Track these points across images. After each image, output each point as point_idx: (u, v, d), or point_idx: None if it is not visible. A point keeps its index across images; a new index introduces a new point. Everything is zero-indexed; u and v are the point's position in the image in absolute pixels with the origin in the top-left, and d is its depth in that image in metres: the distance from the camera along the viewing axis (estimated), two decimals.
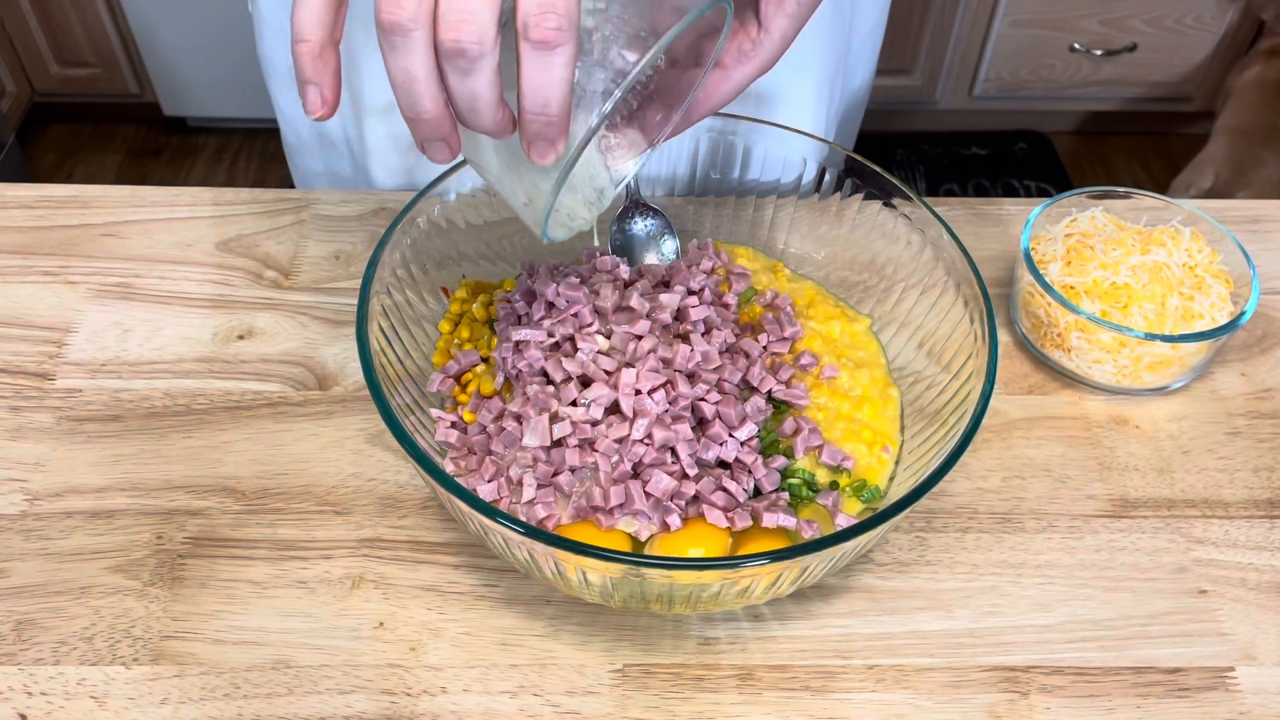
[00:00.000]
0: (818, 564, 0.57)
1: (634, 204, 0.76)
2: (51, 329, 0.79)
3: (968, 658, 0.63)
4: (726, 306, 0.72)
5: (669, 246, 0.77)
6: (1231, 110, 2.15)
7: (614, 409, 0.63)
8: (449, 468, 0.66)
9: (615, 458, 0.62)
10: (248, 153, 2.68)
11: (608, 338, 0.66)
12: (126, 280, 0.82)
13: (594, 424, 0.63)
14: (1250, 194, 1.98)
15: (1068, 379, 0.78)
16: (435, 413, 0.69)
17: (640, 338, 0.66)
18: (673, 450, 0.63)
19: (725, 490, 0.63)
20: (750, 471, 0.64)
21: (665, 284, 0.72)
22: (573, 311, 0.67)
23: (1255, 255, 0.88)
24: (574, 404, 0.64)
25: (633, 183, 0.75)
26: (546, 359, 0.66)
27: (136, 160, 2.66)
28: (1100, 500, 0.71)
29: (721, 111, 0.78)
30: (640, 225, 0.77)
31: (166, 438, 0.74)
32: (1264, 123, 2.08)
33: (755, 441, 0.65)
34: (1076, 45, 2.50)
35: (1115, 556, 0.68)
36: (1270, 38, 2.20)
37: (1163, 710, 0.61)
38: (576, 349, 0.66)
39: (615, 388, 0.63)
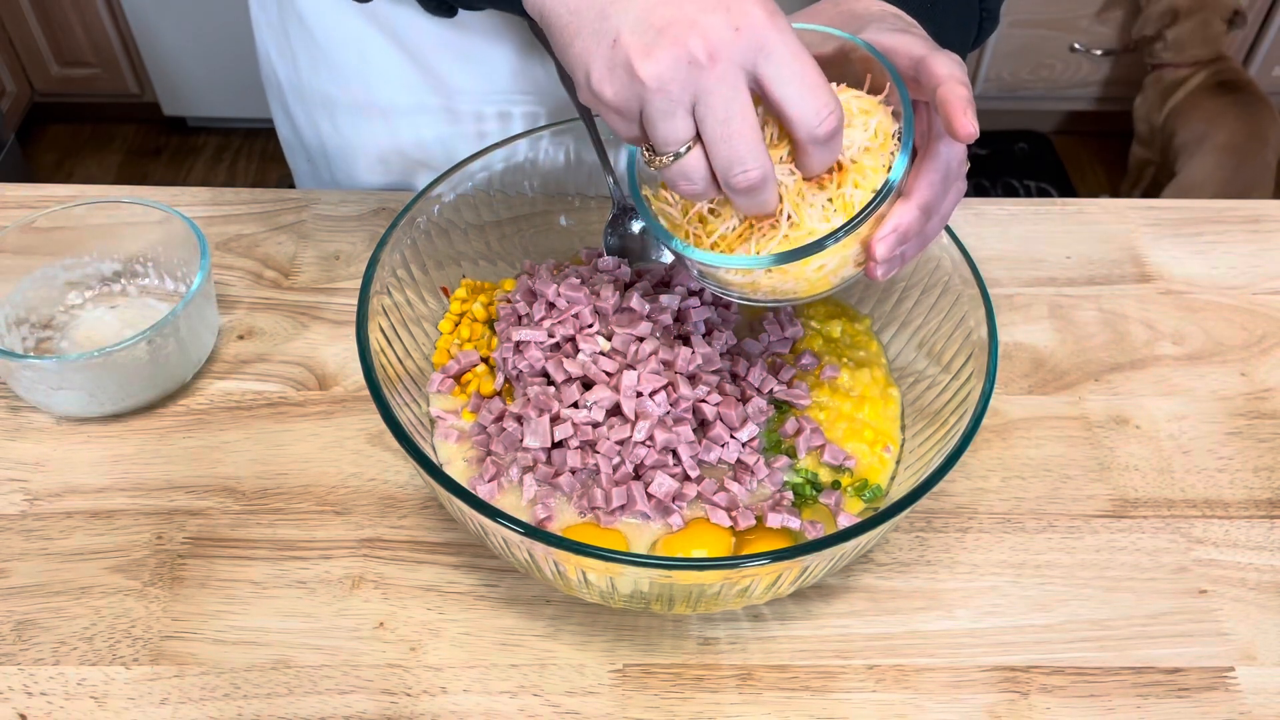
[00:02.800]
0: (818, 564, 0.57)
1: (624, 209, 0.76)
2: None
3: (968, 658, 0.63)
4: (727, 307, 0.72)
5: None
6: (1190, 123, 2.18)
7: (615, 411, 0.63)
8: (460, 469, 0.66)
9: (617, 459, 0.62)
10: (248, 153, 2.68)
11: (609, 339, 0.66)
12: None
13: (595, 425, 0.63)
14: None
15: None
16: (435, 412, 0.69)
17: (641, 339, 0.66)
18: (674, 452, 0.63)
19: (727, 491, 0.63)
20: (752, 472, 0.64)
21: (666, 284, 0.72)
22: (573, 312, 0.67)
23: (1254, 255, 0.88)
24: (575, 405, 0.64)
25: (619, 187, 0.75)
26: (547, 359, 0.66)
27: (136, 160, 2.66)
28: (1100, 500, 0.71)
29: None
30: (635, 229, 0.77)
31: (166, 438, 0.74)
32: (1241, 130, 2.11)
33: (757, 442, 0.65)
34: (1076, 45, 2.51)
35: (1115, 556, 0.68)
36: (1178, 70, 2.24)
37: (1163, 710, 0.61)
38: (577, 350, 0.66)
39: (616, 390, 0.63)
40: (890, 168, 0.53)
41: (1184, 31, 2.22)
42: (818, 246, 0.53)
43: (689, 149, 0.51)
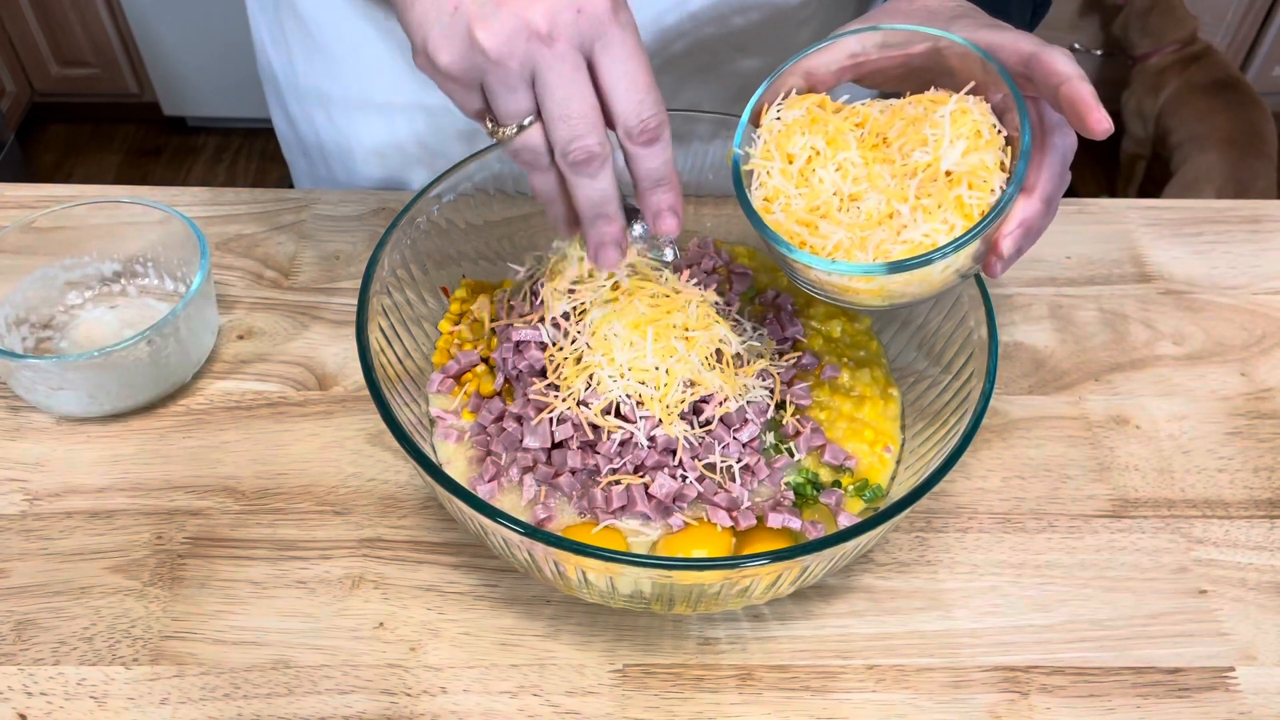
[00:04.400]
0: (818, 564, 0.57)
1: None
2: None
3: (968, 658, 0.63)
4: (729, 304, 0.72)
5: (667, 248, 0.77)
6: (1184, 122, 2.19)
7: (615, 411, 0.63)
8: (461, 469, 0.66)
9: (617, 460, 0.62)
10: (248, 153, 2.68)
11: None
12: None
13: (595, 426, 0.63)
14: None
15: None
16: (435, 412, 0.69)
17: None
18: (674, 452, 0.63)
19: (728, 491, 0.63)
20: (753, 472, 0.64)
21: None
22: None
23: (1254, 255, 0.88)
24: (577, 405, 0.64)
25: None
26: (548, 360, 0.66)
27: (136, 160, 2.66)
28: (1100, 500, 0.71)
29: (722, 111, 0.78)
30: (638, 228, 0.76)
31: (166, 438, 0.74)
32: (1237, 128, 2.12)
33: (757, 442, 0.65)
34: (1076, 45, 2.51)
35: (1115, 556, 0.68)
36: (1160, 54, 2.25)
37: (1163, 710, 0.61)
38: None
39: None
40: (1007, 167, 0.53)
41: (1154, 18, 2.25)
42: (947, 250, 0.52)
43: (531, 122, 0.52)
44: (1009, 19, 0.60)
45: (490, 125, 0.54)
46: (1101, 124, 0.51)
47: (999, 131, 0.55)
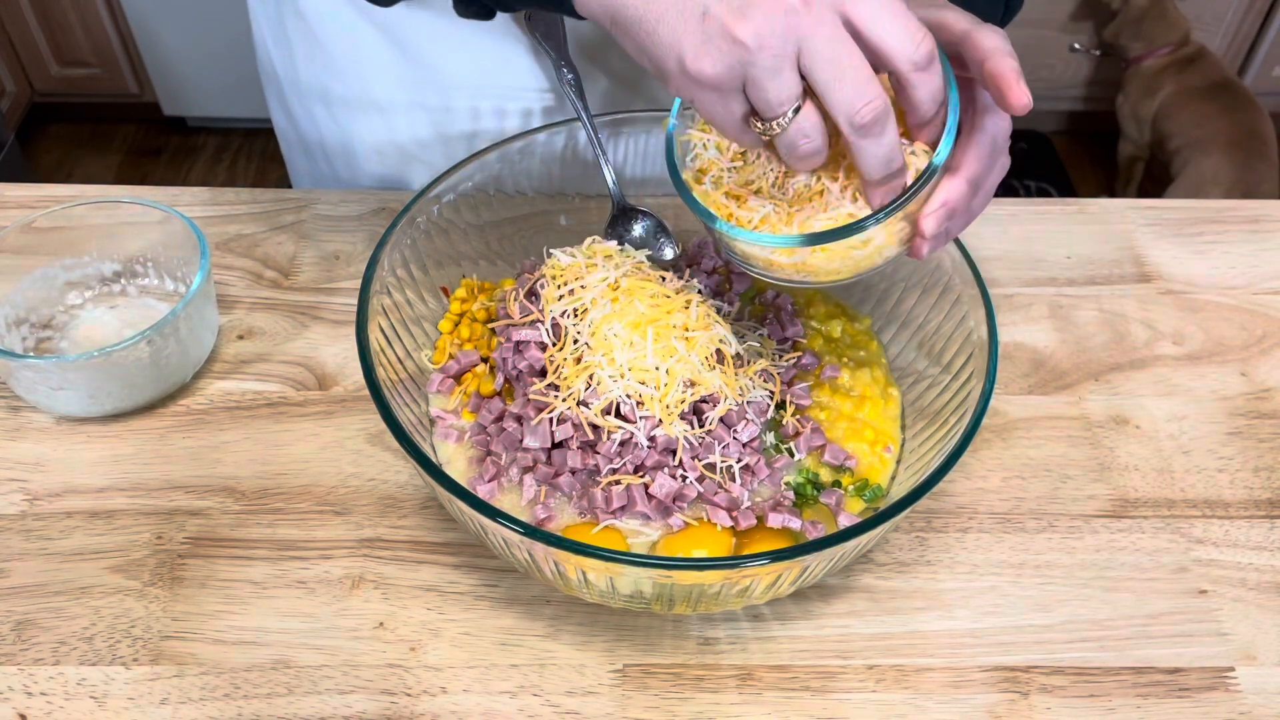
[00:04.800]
0: (818, 564, 0.57)
1: (623, 209, 0.76)
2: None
3: (968, 658, 0.63)
4: (731, 304, 0.72)
5: (667, 248, 0.77)
6: (1183, 126, 2.20)
7: (615, 411, 0.63)
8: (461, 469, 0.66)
9: (617, 460, 0.62)
10: (248, 153, 2.68)
11: None
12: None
13: (595, 426, 0.63)
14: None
15: None
16: (435, 412, 0.69)
17: None
18: (674, 452, 0.62)
19: (728, 491, 0.63)
20: (753, 472, 0.64)
21: None
22: None
23: (1254, 255, 0.88)
24: (577, 405, 0.63)
25: (617, 188, 0.75)
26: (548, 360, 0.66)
27: (136, 160, 2.66)
28: (1100, 500, 0.71)
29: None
30: (637, 229, 0.77)
31: (166, 438, 0.74)
32: (1238, 130, 2.12)
33: (758, 442, 0.65)
34: (1076, 45, 2.51)
35: (1115, 556, 0.68)
36: (1153, 57, 2.26)
37: (1163, 710, 0.61)
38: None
39: None
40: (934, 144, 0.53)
41: (1148, 22, 2.26)
42: (867, 222, 0.52)
43: (801, 104, 0.50)
44: (974, 9, 0.59)
45: (761, 126, 0.52)
46: (1020, 99, 0.51)
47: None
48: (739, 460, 0.63)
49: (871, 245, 0.55)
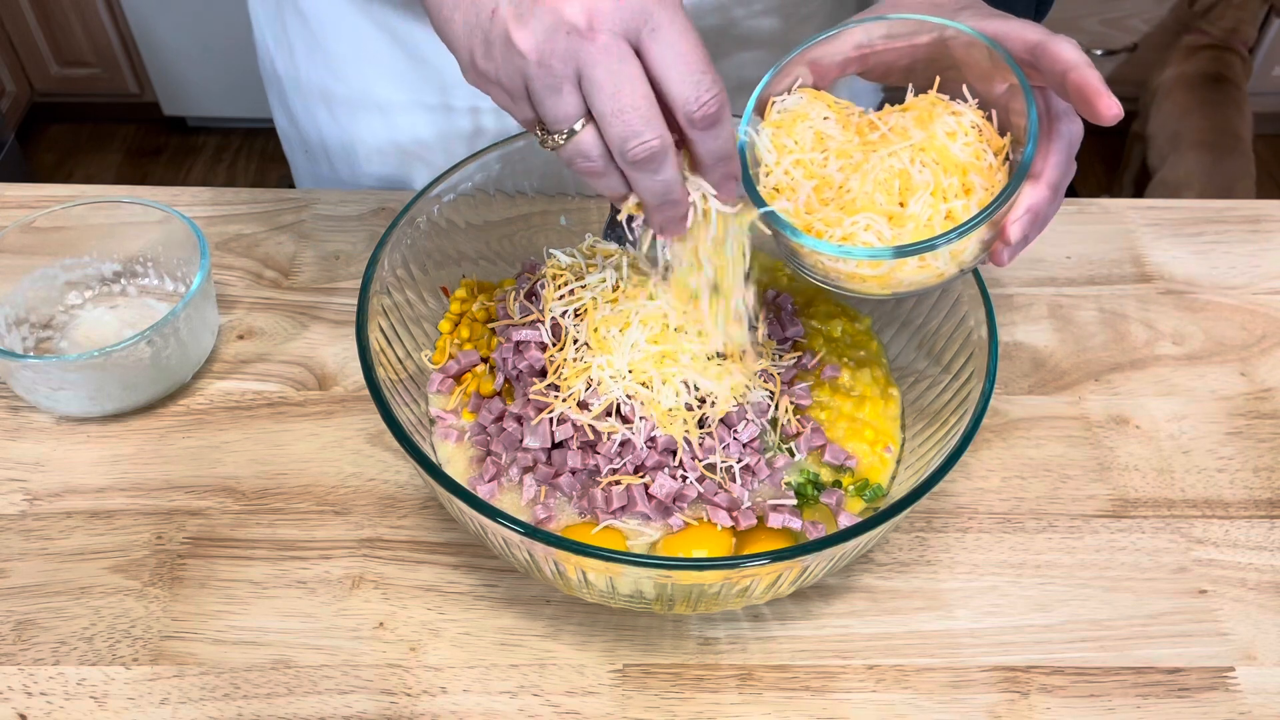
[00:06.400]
0: (818, 564, 0.57)
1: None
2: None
3: (968, 658, 0.63)
4: None
5: (667, 248, 0.77)
6: (1164, 114, 2.19)
7: (615, 411, 0.63)
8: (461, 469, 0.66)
9: (617, 460, 0.62)
10: (248, 153, 2.68)
11: None
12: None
13: (595, 427, 0.63)
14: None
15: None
16: (435, 412, 0.69)
17: None
18: (674, 452, 0.62)
19: (728, 491, 0.63)
20: (753, 472, 0.64)
21: None
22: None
23: (1254, 255, 0.88)
24: (577, 405, 0.63)
25: None
26: (548, 360, 0.66)
27: (136, 160, 2.66)
28: (1100, 500, 0.71)
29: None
30: (637, 229, 0.76)
31: (166, 438, 0.74)
32: (1211, 126, 2.11)
33: (758, 442, 0.65)
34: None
35: (1115, 556, 0.68)
36: (1195, 34, 2.24)
37: (1163, 710, 0.61)
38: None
39: None
40: (1013, 158, 0.53)
41: (1222, 8, 2.23)
42: (960, 232, 0.52)
43: (582, 125, 0.49)
44: (1013, 12, 0.60)
45: (540, 134, 0.51)
46: (1111, 109, 0.51)
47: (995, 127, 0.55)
48: (739, 460, 0.63)
49: (958, 256, 0.55)
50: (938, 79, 0.57)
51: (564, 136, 0.50)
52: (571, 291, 0.66)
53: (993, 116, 0.56)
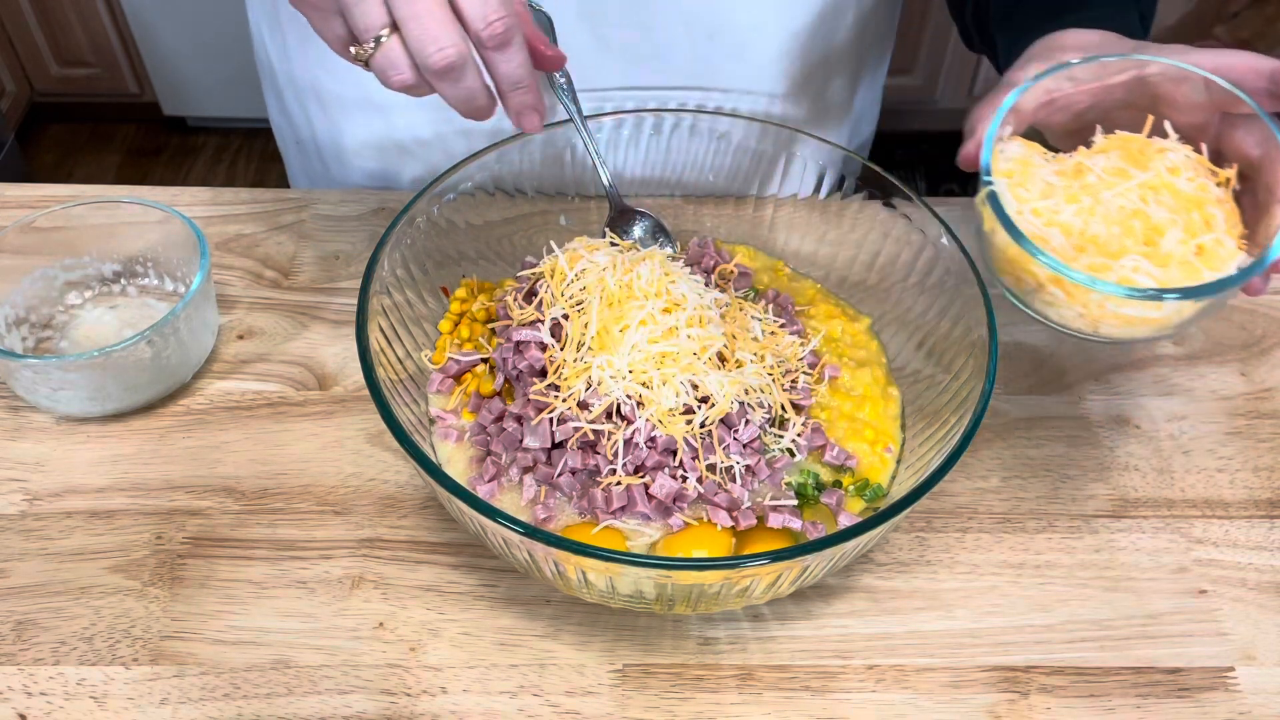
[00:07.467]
0: (818, 564, 0.57)
1: (622, 211, 0.76)
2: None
3: (968, 658, 0.63)
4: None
5: (666, 248, 0.77)
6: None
7: (615, 411, 0.63)
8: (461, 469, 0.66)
9: (617, 460, 0.62)
10: (248, 153, 2.68)
11: None
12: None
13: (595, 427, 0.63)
14: None
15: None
16: (435, 412, 0.69)
17: None
18: (674, 452, 0.62)
19: (728, 491, 0.63)
20: (753, 472, 0.64)
21: None
22: None
23: None
24: (577, 405, 0.63)
25: (614, 189, 0.75)
26: (548, 360, 0.66)
27: (136, 160, 2.66)
28: (1100, 500, 0.71)
29: (722, 111, 0.78)
30: (636, 230, 0.77)
31: (166, 438, 0.74)
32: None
33: (758, 442, 0.65)
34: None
35: (1115, 556, 0.68)
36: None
37: (1163, 710, 0.61)
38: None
39: None
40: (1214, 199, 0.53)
41: (1251, 14, 2.23)
42: (1248, 273, 0.51)
43: (388, 34, 0.52)
44: (1115, 29, 0.60)
45: (354, 50, 0.54)
46: None
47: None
48: (739, 460, 0.63)
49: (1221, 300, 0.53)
50: (1149, 119, 0.56)
51: (372, 45, 0.52)
52: (573, 292, 0.66)
53: (1201, 149, 0.56)
